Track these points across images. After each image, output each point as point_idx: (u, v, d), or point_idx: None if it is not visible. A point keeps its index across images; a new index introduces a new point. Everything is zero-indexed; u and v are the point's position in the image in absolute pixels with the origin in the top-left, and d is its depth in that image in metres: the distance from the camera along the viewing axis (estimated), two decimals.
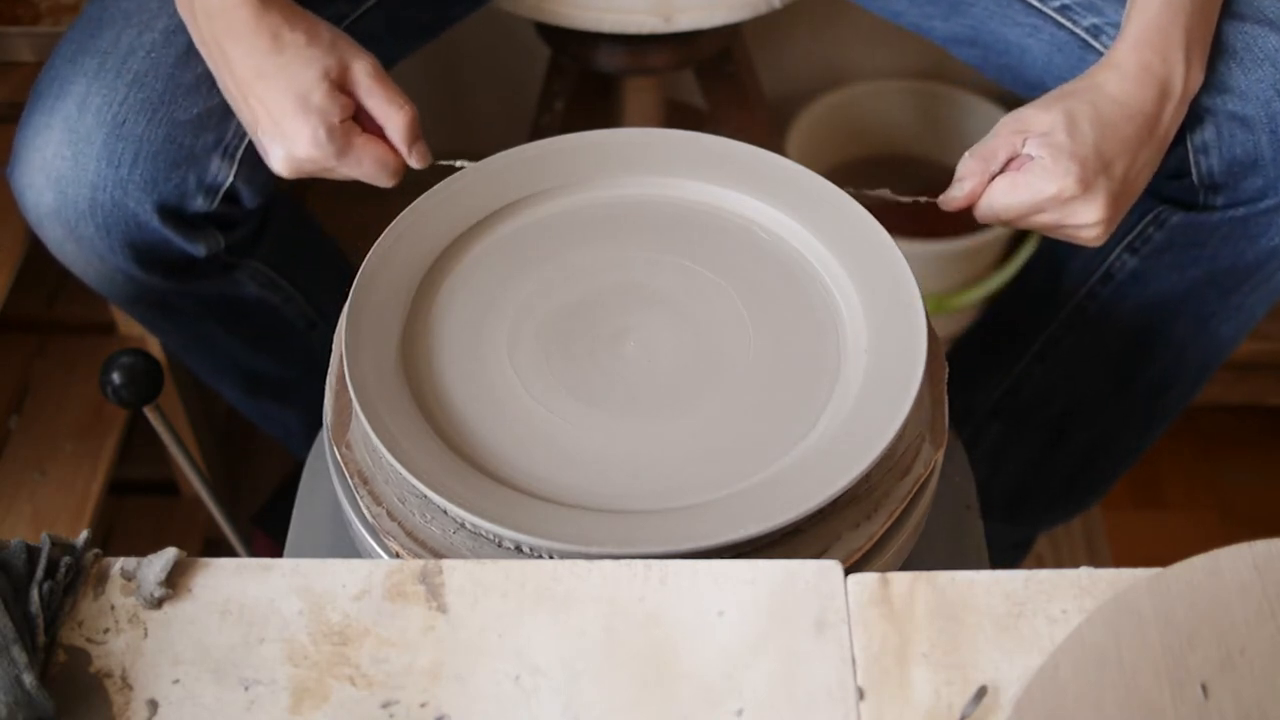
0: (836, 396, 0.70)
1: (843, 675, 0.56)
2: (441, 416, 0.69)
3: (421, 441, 0.67)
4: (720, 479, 0.67)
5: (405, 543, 0.66)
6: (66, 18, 1.16)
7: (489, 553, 0.65)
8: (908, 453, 0.69)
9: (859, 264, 0.74)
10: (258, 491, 1.51)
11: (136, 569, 0.60)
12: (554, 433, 0.69)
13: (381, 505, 0.68)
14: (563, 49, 1.21)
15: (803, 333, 0.73)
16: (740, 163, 0.80)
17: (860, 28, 1.64)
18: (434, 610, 0.59)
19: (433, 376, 0.71)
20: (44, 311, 1.29)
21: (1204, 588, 0.55)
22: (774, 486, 0.65)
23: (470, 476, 0.66)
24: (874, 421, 0.67)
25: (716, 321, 0.74)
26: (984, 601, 0.58)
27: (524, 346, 0.72)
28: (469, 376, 0.71)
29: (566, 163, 0.80)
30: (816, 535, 0.66)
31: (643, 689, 0.56)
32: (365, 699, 0.56)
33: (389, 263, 0.74)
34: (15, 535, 0.59)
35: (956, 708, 0.55)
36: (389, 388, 0.69)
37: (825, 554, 0.65)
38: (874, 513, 0.67)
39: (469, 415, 0.69)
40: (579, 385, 0.71)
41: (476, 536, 0.66)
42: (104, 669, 0.57)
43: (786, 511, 0.63)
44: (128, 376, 0.79)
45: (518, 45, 1.51)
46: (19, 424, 1.19)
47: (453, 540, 0.66)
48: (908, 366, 0.69)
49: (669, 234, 0.78)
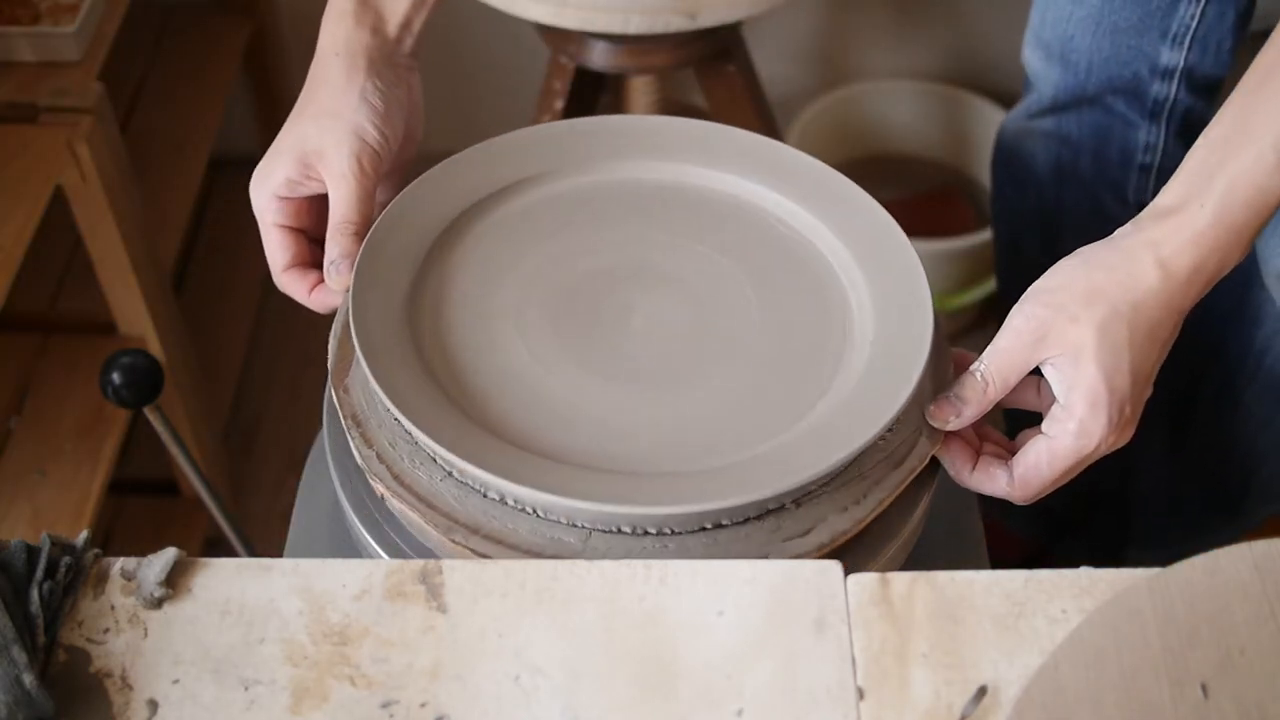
0: (837, 382, 0.70)
1: (842, 675, 0.56)
2: (441, 369, 0.70)
3: (416, 386, 0.67)
4: (712, 451, 0.67)
5: (392, 485, 0.67)
6: (66, 18, 1.16)
7: (474, 503, 0.66)
8: (903, 445, 0.69)
9: (871, 256, 0.75)
10: (258, 491, 1.52)
11: (136, 569, 0.60)
12: (552, 394, 0.69)
13: (372, 448, 0.68)
14: (562, 49, 1.21)
15: (809, 318, 0.73)
16: (758, 153, 0.81)
17: (860, 28, 1.65)
18: (434, 610, 0.59)
19: (436, 331, 0.72)
20: (44, 311, 1.30)
21: (1204, 587, 0.55)
22: (765, 461, 0.66)
23: (461, 425, 0.66)
24: (871, 408, 0.67)
25: (723, 303, 0.74)
26: (984, 601, 0.58)
27: (531, 314, 0.73)
28: (472, 335, 0.72)
29: (586, 143, 0.81)
30: (804, 514, 0.66)
31: (643, 689, 0.56)
32: (365, 699, 0.56)
33: (402, 223, 0.75)
34: (15, 535, 0.59)
35: (956, 708, 0.55)
36: (391, 335, 0.70)
37: (809, 534, 0.65)
38: (863, 499, 0.67)
39: (468, 371, 0.70)
40: (583, 354, 0.71)
41: (463, 485, 0.66)
42: (104, 669, 0.57)
43: (772, 485, 0.64)
44: (128, 376, 0.79)
45: (517, 45, 1.51)
46: (19, 424, 1.20)
47: (439, 488, 0.66)
48: (911, 357, 0.69)
49: (682, 218, 0.78)
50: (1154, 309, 0.66)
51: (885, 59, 1.69)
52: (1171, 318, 0.67)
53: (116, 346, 0.88)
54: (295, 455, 1.43)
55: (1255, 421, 1.10)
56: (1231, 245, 0.67)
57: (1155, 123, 1.03)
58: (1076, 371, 0.66)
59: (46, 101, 1.12)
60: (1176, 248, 0.66)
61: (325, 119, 0.75)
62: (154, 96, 1.50)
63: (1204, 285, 0.67)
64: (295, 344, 1.67)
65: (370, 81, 0.76)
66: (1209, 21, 0.96)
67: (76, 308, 1.29)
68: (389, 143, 0.76)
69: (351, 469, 0.73)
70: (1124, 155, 1.05)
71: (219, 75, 1.54)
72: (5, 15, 1.17)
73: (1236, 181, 0.66)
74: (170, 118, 1.47)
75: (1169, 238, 0.66)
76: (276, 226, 0.76)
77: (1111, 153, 1.06)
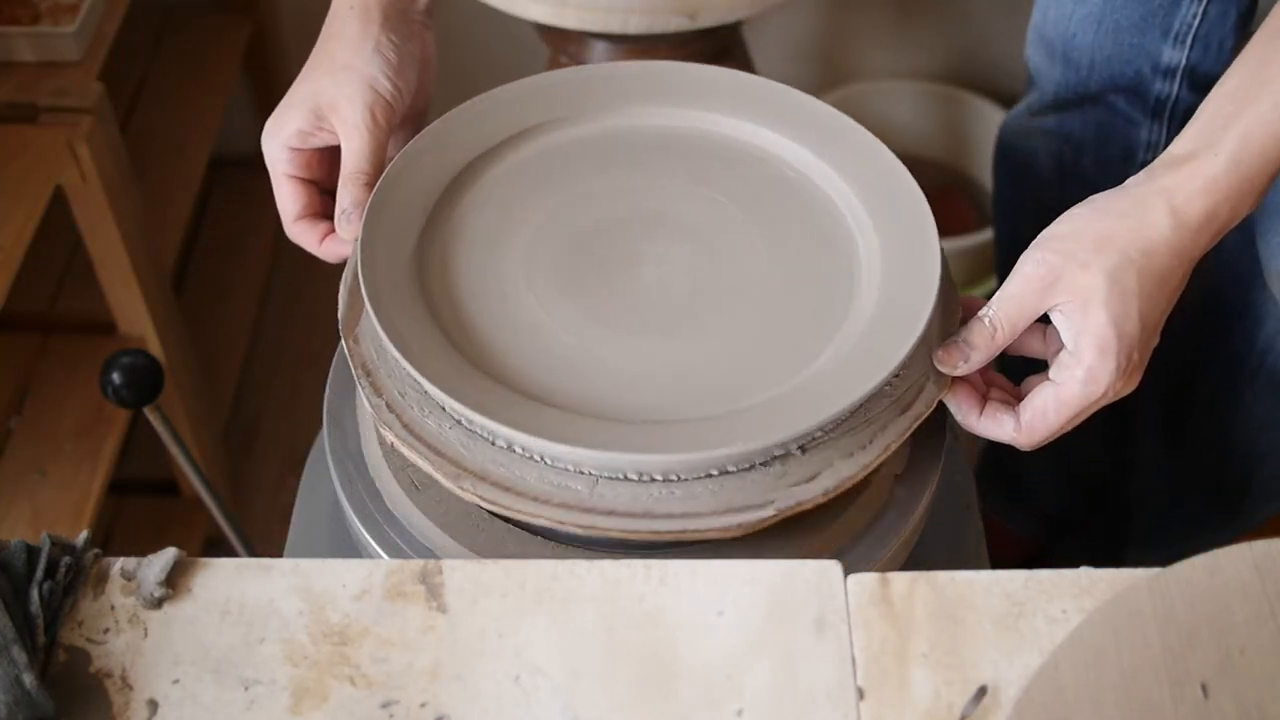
0: (845, 328, 0.70)
1: (842, 675, 0.56)
2: (449, 318, 0.70)
3: (425, 336, 0.67)
4: (719, 397, 0.67)
5: (401, 434, 0.67)
6: (66, 18, 1.16)
7: (482, 451, 0.66)
8: (910, 390, 0.68)
9: (880, 202, 0.74)
10: (258, 491, 1.52)
11: (136, 569, 0.60)
12: (559, 342, 0.69)
13: (382, 397, 0.68)
14: (562, 49, 1.21)
15: (817, 265, 0.73)
16: (767, 99, 0.80)
17: (860, 28, 1.64)
18: (434, 610, 0.59)
19: (444, 280, 0.72)
20: (44, 311, 1.30)
21: (1204, 587, 0.55)
22: (771, 408, 0.66)
23: (468, 373, 0.66)
24: (878, 353, 0.67)
25: (733, 250, 0.74)
26: (984, 601, 0.58)
27: (540, 263, 0.73)
28: (480, 285, 0.72)
29: (594, 90, 0.81)
30: (810, 460, 0.66)
31: (643, 689, 0.56)
32: (365, 699, 0.56)
33: (411, 172, 0.75)
34: (15, 535, 0.59)
35: (956, 708, 0.55)
36: (399, 284, 0.70)
37: (815, 479, 0.65)
38: (869, 444, 0.67)
39: (477, 320, 0.70)
40: (590, 302, 0.71)
41: (471, 433, 0.66)
42: (104, 669, 0.57)
43: (777, 432, 0.64)
44: (128, 376, 0.79)
45: (517, 45, 1.51)
46: (19, 424, 1.19)
47: (447, 436, 0.66)
48: (919, 303, 0.68)
49: (692, 164, 0.78)
50: (1165, 256, 0.66)
51: (885, 59, 1.69)
52: (1182, 266, 0.67)
53: (116, 346, 0.88)
54: (295, 455, 1.43)
55: (1256, 421, 1.09)
56: (1244, 193, 0.66)
57: (1157, 121, 1.02)
58: (1085, 318, 0.66)
59: (46, 101, 1.12)
60: (1189, 195, 0.66)
61: (339, 72, 0.76)
62: (154, 96, 1.50)
63: (1215, 233, 0.67)
64: (295, 344, 1.67)
65: (385, 35, 0.77)
66: (1211, 20, 0.96)
67: (76, 308, 1.29)
68: (402, 95, 0.77)
69: (352, 469, 0.73)
70: (1126, 153, 1.05)
71: (219, 75, 1.54)
72: (5, 15, 1.16)
73: (1252, 129, 0.66)
74: (170, 118, 1.47)
75: (1181, 185, 0.66)
76: (288, 177, 0.77)
77: (1113, 151, 1.06)
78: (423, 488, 0.71)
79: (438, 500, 0.70)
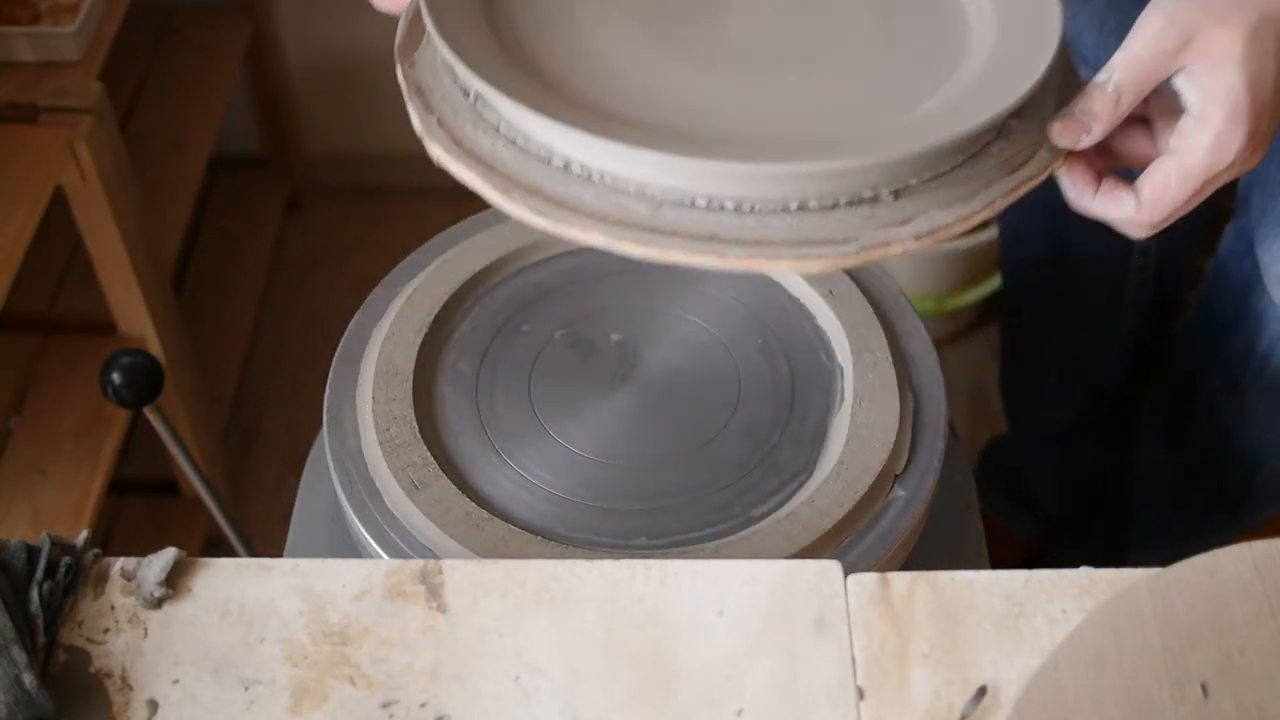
0: (952, 80, 0.65)
1: (842, 675, 0.56)
2: (513, 44, 0.65)
3: (485, 52, 0.63)
4: (800, 133, 0.61)
5: (451, 148, 0.61)
6: (66, 18, 1.16)
7: (536, 170, 0.60)
8: (1020, 154, 0.63)
9: None
10: (258, 491, 1.52)
11: (136, 569, 0.60)
12: (631, 75, 0.64)
13: (433, 113, 0.63)
14: None
15: (924, 22, 0.68)
16: None
17: None
18: (434, 610, 0.59)
19: (509, 12, 0.67)
20: (44, 311, 1.30)
21: (1204, 587, 0.55)
22: (861, 142, 0.60)
23: (529, 84, 0.61)
24: (991, 95, 0.61)
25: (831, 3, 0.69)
26: (984, 601, 0.58)
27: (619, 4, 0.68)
28: (549, 12, 0.67)
29: None
30: (903, 205, 0.60)
31: (643, 689, 0.56)
32: (365, 699, 0.56)
33: None
34: (15, 535, 0.59)
35: (956, 708, 0.55)
36: (464, 10, 0.65)
37: (908, 223, 0.60)
38: (970, 198, 0.61)
39: (544, 47, 0.65)
40: (670, 37, 0.66)
41: (525, 153, 0.61)
42: (104, 669, 0.57)
43: (861, 156, 0.58)
44: (128, 376, 0.79)
45: None
46: (19, 424, 1.20)
47: (500, 153, 0.61)
48: (1033, 61, 0.62)
49: None
50: None
51: None
52: None
53: (116, 346, 0.88)
54: (295, 455, 1.43)
55: (1257, 422, 1.10)
56: None
57: None
58: (1215, 79, 0.60)
59: (46, 101, 1.12)
60: None
61: None
62: (154, 96, 1.50)
63: None
64: (295, 344, 1.67)
65: None
66: None
67: (76, 308, 1.29)
68: None
69: (352, 469, 0.73)
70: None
71: (219, 75, 1.54)
72: (5, 15, 1.17)
73: None
74: (170, 118, 1.47)
75: None
76: None
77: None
78: (422, 488, 0.71)
79: (438, 500, 0.70)
